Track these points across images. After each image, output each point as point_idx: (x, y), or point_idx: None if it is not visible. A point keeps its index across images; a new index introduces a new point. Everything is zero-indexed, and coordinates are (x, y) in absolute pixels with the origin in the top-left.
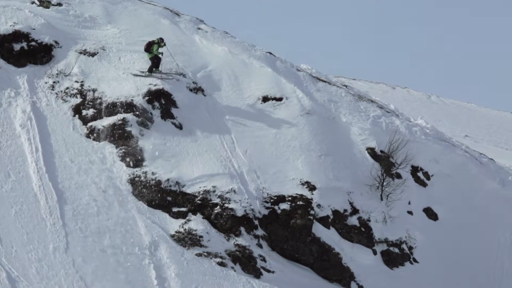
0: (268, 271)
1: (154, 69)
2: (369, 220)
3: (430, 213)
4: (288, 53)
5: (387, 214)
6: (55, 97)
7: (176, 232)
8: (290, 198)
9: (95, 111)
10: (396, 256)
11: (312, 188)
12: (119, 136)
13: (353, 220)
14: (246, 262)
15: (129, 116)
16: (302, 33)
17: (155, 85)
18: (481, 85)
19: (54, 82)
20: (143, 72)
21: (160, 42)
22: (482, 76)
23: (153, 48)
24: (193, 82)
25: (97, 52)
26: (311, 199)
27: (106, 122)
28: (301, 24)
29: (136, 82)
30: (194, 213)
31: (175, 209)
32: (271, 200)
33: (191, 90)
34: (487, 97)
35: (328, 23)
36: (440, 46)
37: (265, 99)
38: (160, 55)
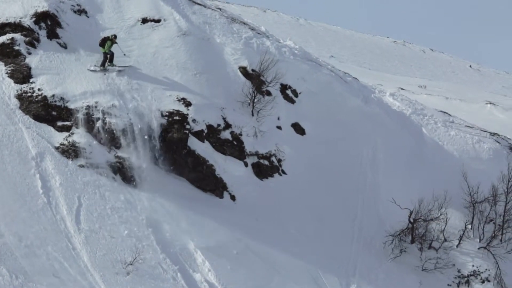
0: (146, 181)
1: (108, 63)
2: (241, 134)
3: (298, 128)
4: None
5: (258, 128)
6: None
7: (60, 144)
8: (167, 114)
9: None
10: (266, 168)
11: (188, 104)
12: (7, 54)
13: (226, 134)
14: (126, 173)
15: (17, 36)
16: None
17: (42, 7)
18: (346, 8)
19: None
20: (97, 67)
21: (114, 38)
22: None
23: (106, 44)
24: (77, 4)
25: None
26: (187, 114)
27: None
28: None
29: (24, 4)
30: (77, 127)
31: (59, 123)
32: (150, 115)
33: (75, 12)
34: (352, 20)
35: None
36: None
37: (144, 20)
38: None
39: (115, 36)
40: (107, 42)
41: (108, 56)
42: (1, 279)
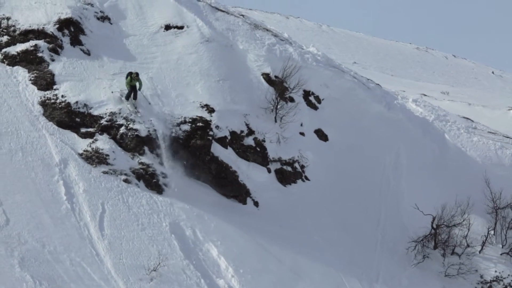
0: (170, 187)
1: (130, 98)
2: (264, 141)
3: (321, 134)
4: None
5: (281, 135)
6: None
7: (84, 151)
8: (190, 120)
9: (9, 37)
10: (289, 174)
11: (211, 110)
12: (31, 61)
13: (249, 141)
14: (149, 179)
15: (41, 42)
16: None
17: (65, 14)
18: (369, 15)
19: None
20: (122, 94)
21: (135, 76)
22: (370, 5)
23: (126, 79)
24: (100, 11)
25: None
26: (210, 120)
27: (19, 48)
28: None
29: (47, 11)
30: (101, 133)
31: (83, 130)
32: (173, 122)
33: (98, 18)
34: (374, 27)
35: None
36: None
37: (168, 27)
38: (138, 90)
39: (137, 74)
40: (128, 77)
41: (131, 91)
42: (25, 285)
